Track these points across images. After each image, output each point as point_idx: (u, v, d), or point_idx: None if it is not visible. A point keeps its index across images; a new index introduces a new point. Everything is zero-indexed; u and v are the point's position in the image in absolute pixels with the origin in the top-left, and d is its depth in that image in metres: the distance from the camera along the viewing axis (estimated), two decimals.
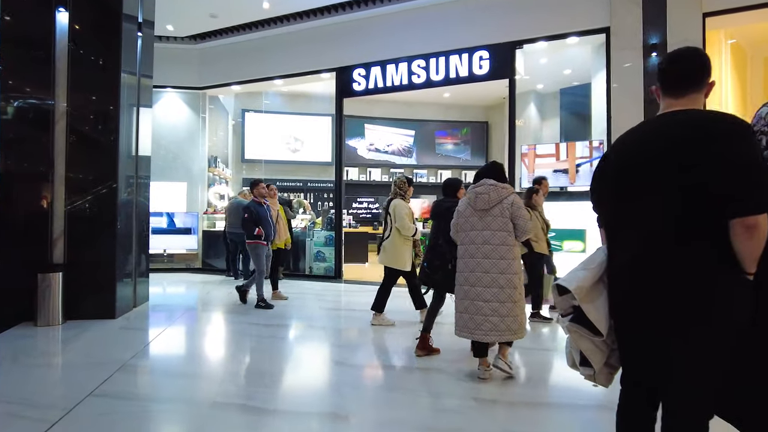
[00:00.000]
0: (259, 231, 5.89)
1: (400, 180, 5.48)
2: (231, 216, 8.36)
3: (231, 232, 8.34)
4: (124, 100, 5.57)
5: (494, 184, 3.52)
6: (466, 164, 16.22)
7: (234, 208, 8.35)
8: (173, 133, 10.44)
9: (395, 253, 5.20)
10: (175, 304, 6.32)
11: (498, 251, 3.40)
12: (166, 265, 10.08)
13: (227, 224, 8.50)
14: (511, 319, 3.40)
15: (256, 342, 4.61)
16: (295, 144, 15.27)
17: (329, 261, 8.83)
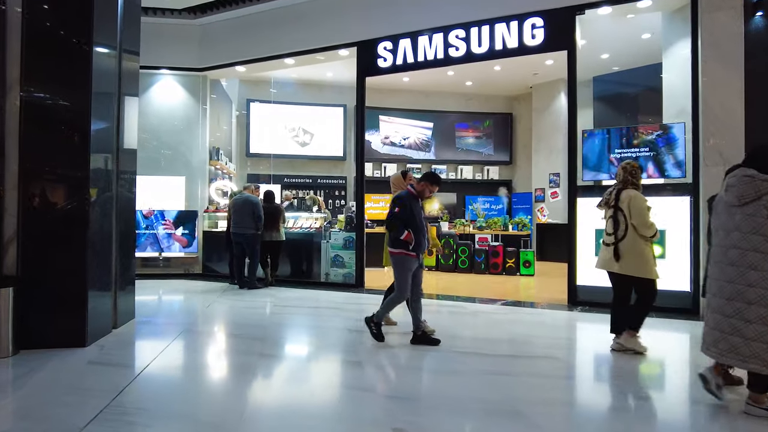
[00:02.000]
0: (408, 235, 4.16)
1: (631, 164, 4.23)
2: (237, 214, 7.18)
3: (237, 233, 7.14)
4: (100, 81, 4.38)
5: (752, 175, 2.81)
6: (489, 159, 15.01)
7: (241, 204, 7.17)
8: (170, 121, 9.25)
9: (640, 258, 4.05)
10: (169, 323, 5.10)
11: (747, 258, 2.79)
12: (162, 270, 8.90)
13: (232, 223, 7.30)
14: (761, 346, 2.70)
15: (286, 384, 3.40)
16: (304, 137, 14.08)
17: (349, 267, 7.62)
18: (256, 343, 4.20)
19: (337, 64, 12.00)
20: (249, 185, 7.57)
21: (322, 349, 4.30)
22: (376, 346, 4.18)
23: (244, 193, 7.35)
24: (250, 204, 7.17)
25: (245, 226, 7.07)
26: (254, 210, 7.14)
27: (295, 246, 8.20)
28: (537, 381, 3.37)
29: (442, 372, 3.58)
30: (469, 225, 10.39)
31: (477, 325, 4.98)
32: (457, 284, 8.12)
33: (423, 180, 4.40)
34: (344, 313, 5.54)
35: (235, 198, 7.44)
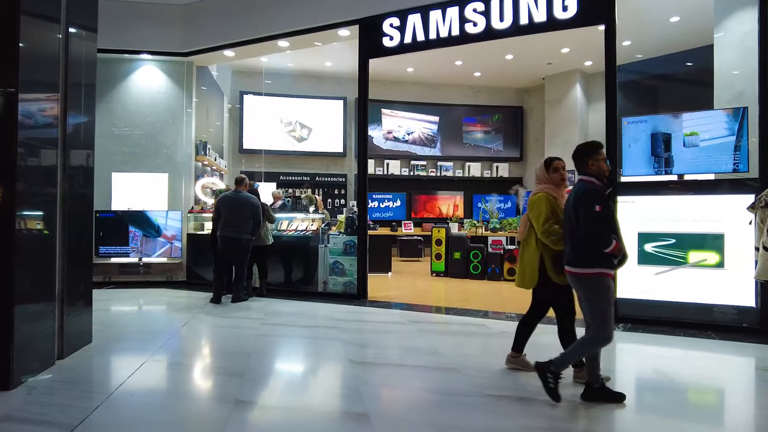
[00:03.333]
0: (616, 246, 2.95)
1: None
2: (233, 215, 6.11)
3: (230, 237, 6.06)
4: (32, 63, 3.48)
5: None
6: (498, 155, 14.11)
7: (240, 204, 6.14)
8: (151, 113, 8.34)
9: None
10: (132, 348, 4.19)
11: None
12: (142, 278, 8.00)
13: (222, 225, 6.18)
14: None
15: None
16: (302, 132, 13.17)
17: (350, 275, 6.71)
18: (233, 382, 3.29)
19: (336, 50, 11.08)
20: (243, 178, 6.45)
21: (317, 392, 3.38)
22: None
23: (241, 191, 6.30)
24: (251, 206, 6.16)
25: (241, 230, 6.06)
26: (255, 213, 6.18)
27: (289, 251, 7.29)
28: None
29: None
30: (481, 226, 9.48)
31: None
32: (471, 294, 7.21)
33: (584, 153, 3.17)
34: (345, 334, 4.62)
35: (226, 195, 6.36)
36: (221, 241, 6.14)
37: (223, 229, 6.13)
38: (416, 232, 12.82)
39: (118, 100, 8.25)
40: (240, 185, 6.37)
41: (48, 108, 3.72)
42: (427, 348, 4.11)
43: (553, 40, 10.74)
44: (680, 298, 5.09)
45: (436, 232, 9.18)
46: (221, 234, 6.13)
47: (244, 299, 6.21)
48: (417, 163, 13.63)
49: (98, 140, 8.40)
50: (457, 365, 3.64)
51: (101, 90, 8.21)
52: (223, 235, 6.11)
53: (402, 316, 5.42)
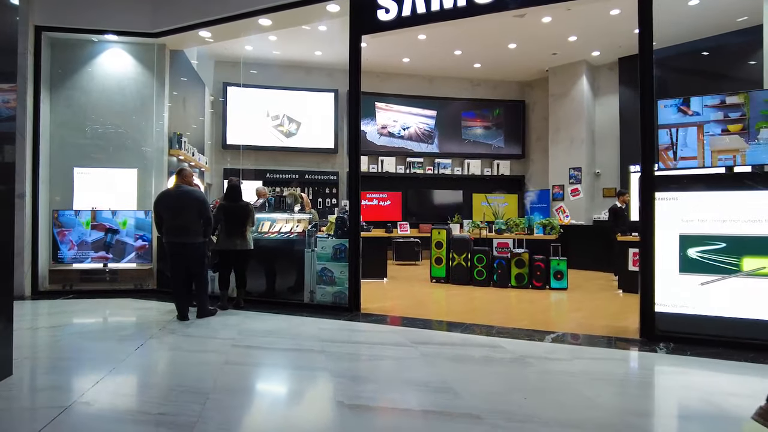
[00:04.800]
0: None
1: None
2: (172, 215, 5.07)
3: (174, 242, 5.08)
4: None
5: None
6: (499, 152, 13.32)
7: (178, 200, 5.11)
8: (118, 101, 7.43)
9: None
10: (58, 385, 3.30)
11: None
12: (108, 286, 7.09)
13: (164, 229, 5.17)
14: None
15: None
16: (290, 126, 12.30)
17: (340, 284, 5.85)
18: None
19: (326, 37, 10.24)
20: (184, 168, 5.45)
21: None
22: None
23: (183, 186, 5.25)
24: (194, 200, 5.15)
25: (186, 233, 5.08)
26: (202, 208, 5.17)
27: (271, 256, 6.42)
28: None
29: None
30: (485, 228, 8.66)
31: (540, 390, 3.22)
32: (478, 305, 6.39)
33: None
34: (333, 362, 3.76)
35: (164, 193, 5.36)
36: (169, 249, 5.17)
37: (168, 234, 5.14)
38: (413, 234, 11.98)
39: (81, 87, 7.33)
40: (179, 178, 5.33)
41: None
42: (437, 382, 3.26)
43: (560, 26, 9.97)
44: (734, 314, 4.29)
45: (436, 234, 8.34)
46: (167, 240, 5.16)
47: (211, 313, 5.31)
48: (413, 161, 12.80)
49: (58, 131, 7.55)
50: (479, 410, 2.79)
51: (60, 75, 7.31)
52: (171, 241, 5.12)
53: (401, 335, 4.57)
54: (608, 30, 10.06)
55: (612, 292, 7.49)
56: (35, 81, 6.90)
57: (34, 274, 6.82)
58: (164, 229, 5.16)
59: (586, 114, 11.90)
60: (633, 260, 7.40)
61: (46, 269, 6.97)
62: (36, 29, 6.92)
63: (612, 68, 11.89)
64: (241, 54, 11.45)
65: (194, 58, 10.14)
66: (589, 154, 11.97)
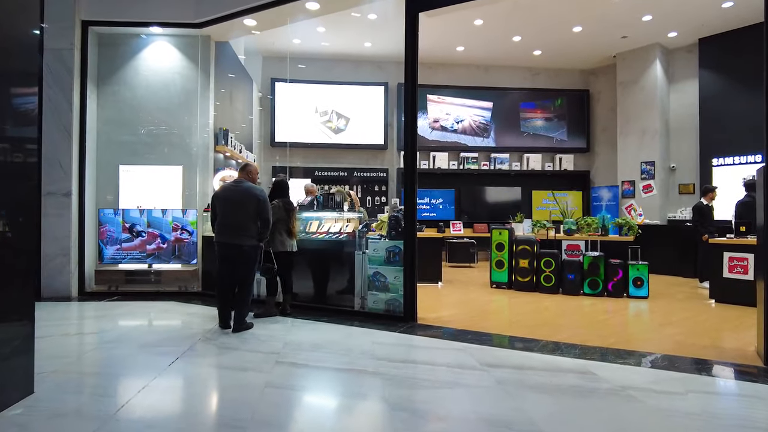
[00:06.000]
0: None
1: None
2: (230, 212, 4.60)
3: (228, 243, 4.60)
4: None
5: None
6: (562, 146, 12.35)
7: (239, 198, 4.65)
8: (164, 96, 7.19)
9: None
10: (80, 411, 2.90)
11: None
12: (152, 287, 6.85)
13: (218, 228, 4.70)
14: None
15: None
16: (338, 122, 11.86)
17: (394, 290, 5.27)
18: None
19: (376, 28, 9.71)
20: (249, 164, 5.01)
21: None
22: None
23: (243, 181, 4.81)
24: (253, 198, 4.67)
25: (244, 234, 4.60)
26: (260, 208, 4.68)
27: (319, 258, 5.94)
28: None
29: None
30: (552, 228, 7.84)
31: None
32: (551, 316, 5.64)
33: None
34: (392, 388, 3.16)
35: (224, 187, 4.89)
36: (219, 249, 4.68)
37: (221, 232, 4.66)
38: (466, 234, 11.26)
39: (126, 82, 7.13)
40: (242, 173, 4.89)
41: None
42: (521, 421, 2.62)
43: (633, 4, 8.96)
44: None
45: (496, 235, 7.62)
46: (218, 239, 4.67)
47: (248, 327, 4.72)
48: (467, 156, 12.05)
49: (104, 128, 7.40)
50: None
51: (105, 71, 7.15)
52: (221, 241, 4.65)
53: (468, 354, 3.94)
54: (690, 6, 8.96)
55: (702, 302, 6.54)
56: (82, 77, 6.73)
57: (81, 275, 6.66)
58: (216, 228, 4.71)
59: (659, 103, 10.76)
60: (730, 266, 6.43)
61: (92, 269, 6.80)
62: (83, 24, 6.75)
63: (691, 50, 10.69)
64: (289, 48, 11.12)
65: (241, 53, 9.87)
66: (663, 147, 10.83)
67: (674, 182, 10.93)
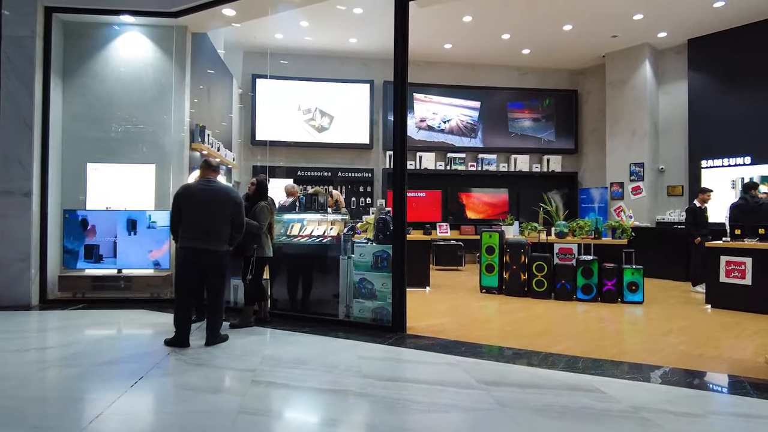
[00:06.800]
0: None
1: None
2: (200, 215, 4.12)
3: (198, 249, 4.10)
4: None
5: None
6: (549, 146, 12.17)
7: (213, 199, 4.18)
8: (136, 89, 6.73)
9: None
10: None
11: None
12: (121, 294, 6.39)
13: (186, 232, 4.15)
14: None
15: None
16: (322, 120, 11.48)
17: (382, 298, 4.93)
18: None
19: (362, 23, 9.37)
20: (213, 162, 4.43)
21: None
22: None
23: (214, 181, 4.35)
24: (230, 200, 4.23)
25: (216, 238, 4.16)
26: (236, 211, 4.27)
27: (301, 263, 5.56)
28: None
29: None
30: (543, 231, 7.59)
31: None
32: (547, 324, 5.36)
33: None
34: (382, 414, 2.81)
35: (191, 186, 4.36)
36: (186, 255, 4.14)
37: (188, 237, 4.12)
38: (453, 236, 10.99)
39: (95, 74, 6.66)
40: (210, 171, 4.38)
41: None
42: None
43: (625, 2, 8.77)
44: None
45: (486, 238, 7.33)
46: (183, 245, 4.14)
47: (223, 339, 4.31)
48: (454, 156, 11.78)
49: (69, 123, 6.86)
50: None
51: (71, 62, 6.66)
52: (191, 247, 4.11)
53: (464, 369, 3.61)
54: (681, 6, 8.82)
55: (698, 308, 6.34)
56: (45, 68, 6.24)
57: (43, 281, 6.16)
58: (183, 231, 4.16)
59: (648, 104, 10.63)
60: (726, 270, 6.23)
61: (55, 275, 6.31)
62: (46, 10, 6.26)
63: (680, 51, 10.58)
64: (271, 43, 10.71)
65: (221, 48, 9.44)
66: (652, 149, 10.71)
67: (663, 184, 10.80)
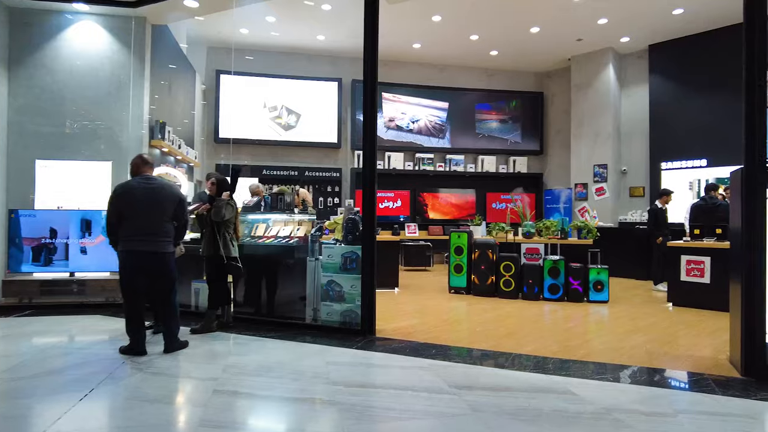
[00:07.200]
0: None
1: None
2: (140, 214, 3.85)
3: (142, 251, 3.82)
4: None
5: None
6: (515, 148, 12.30)
7: (139, 194, 3.87)
8: (91, 82, 6.39)
9: None
10: None
11: None
12: (74, 299, 6.03)
13: (122, 233, 3.86)
14: None
15: None
16: (288, 118, 11.25)
17: (350, 300, 4.80)
18: None
19: (330, 20, 9.20)
20: (147, 157, 4.14)
21: None
22: None
23: (154, 178, 4.07)
24: (173, 197, 4.02)
25: (161, 239, 3.91)
26: (181, 209, 4.07)
27: (267, 265, 5.37)
28: None
29: None
30: (511, 231, 7.62)
31: None
32: (515, 324, 5.35)
33: None
34: (352, 424, 2.68)
35: (129, 185, 3.97)
36: (131, 259, 3.84)
37: (132, 239, 3.82)
38: (421, 236, 10.98)
39: (44, 66, 6.28)
40: (147, 167, 4.07)
41: None
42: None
43: (590, 7, 8.93)
44: None
45: (455, 238, 7.30)
46: (127, 248, 3.83)
47: (182, 345, 4.08)
48: (423, 156, 11.75)
49: (15, 118, 6.40)
50: None
51: (18, 52, 6.24)
52: (136, 249, 3.82)
53: (435, 373, 3.53)
54: (643, 12, 9.04)
55: (660, 306, 6.49)
56: None
57: None
58: (124, 233, 3.86)
59: (611, 106, 10.87)
60: (687, 269, 6.40)
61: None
62: None
63: (641, 56, 10.86)
64: (236, 38, 10.41)
65: (183, 42, 9.11)
66: (615, 150, 10.96)
67: (625, 185, 11.07)
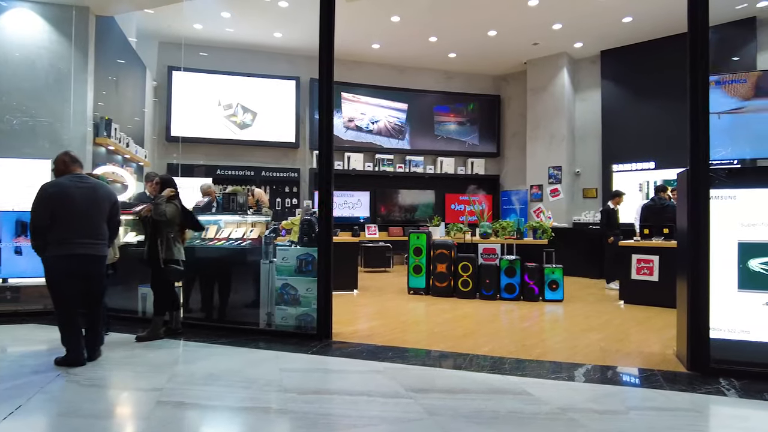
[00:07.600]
0: None
1: None
2: (75, 215, 3.59)
3: (81, 254, 3.58)
4: None
5: None
6: (473, 150, 12.43)
7: (74, 194, 3.61)
8: (25, 75, 5.98)
9: None
10: None
11: None
12: (9, 306, 5.62)
13: (54, 236, 3.55)
14: None
15: None
16: (244, 117, 10.96)
17: (306, 304, 4.66)
18: None
19: (288, 17, 9.00)
20: (75, 155, 3.87)
21: None
22: None
23: (86, 177, 3.81)
24: (109, 197, 3.84)
25: (98, 242, 3.70)
26: (115, 211, 3.88)
27: (218, 269, 5.16)
28: None
29: None
30: (469, 232, 7.67)
31: None
32: (472, 325, 5.36)
33: None
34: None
35: (60, 183, 3.67)
36: (64, 264, 3.56)
37: (68, 243, 3.55)
38: (381, 237, 10.92)
39: None
40: (76, 165, 3.82)
41: None
42: None
43: (545, 12, 9.13)
44: None
45: (414, 239, 7.27)
46: (62, 252, 3.54)
47: (98, 355, 3.79)
48: (383, 157, 11.70)
49: None
50: None
51: None
52: (70, 254, 3.55)
53: (391, 377, 3.45)
54: (594, 18, 9.32)
55: (613, 304, 6.67)
56: None
57: None
58: (57, 237, 3.56)
59: (566, 110, 11.16)
60: (637, 268, 6.60)
61: None
62: None
63: (594, 62, 11.20)
64: (189, 33, 10.04)
65: (132, 36, 8.71)
66: (569, 153, 11.24)
67: (579, 186, 11.37)
